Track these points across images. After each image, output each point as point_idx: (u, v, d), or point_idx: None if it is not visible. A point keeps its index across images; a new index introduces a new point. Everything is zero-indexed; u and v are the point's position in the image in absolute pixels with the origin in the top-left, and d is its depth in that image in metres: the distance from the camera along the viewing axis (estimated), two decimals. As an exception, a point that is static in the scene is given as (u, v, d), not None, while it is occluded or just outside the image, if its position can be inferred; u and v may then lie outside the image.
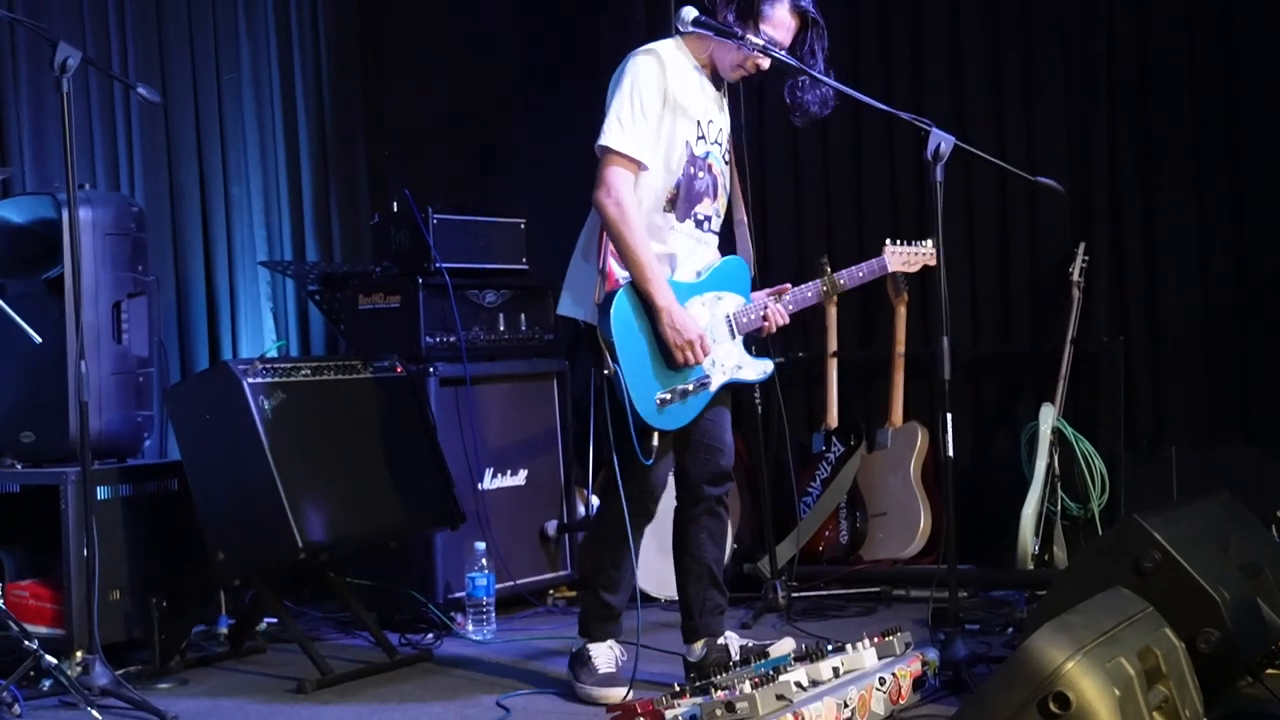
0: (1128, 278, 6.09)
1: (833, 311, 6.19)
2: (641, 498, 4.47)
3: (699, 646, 4.57)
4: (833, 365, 6.19)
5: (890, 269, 4.83)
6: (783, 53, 4.46)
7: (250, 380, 5.00)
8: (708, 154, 4.53)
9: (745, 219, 4.79)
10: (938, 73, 6.43)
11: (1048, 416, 5.79)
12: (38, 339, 4.66)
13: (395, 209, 6.03)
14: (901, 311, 6.08)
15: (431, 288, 5.85)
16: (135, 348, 5.43)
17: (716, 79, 4.58)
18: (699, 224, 4.54)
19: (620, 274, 4.37)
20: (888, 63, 6.53)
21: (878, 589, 5.76)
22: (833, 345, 6.20)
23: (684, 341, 4.28)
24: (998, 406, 6.17)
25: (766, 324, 4.56)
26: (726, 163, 4.64)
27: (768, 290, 4.64)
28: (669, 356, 4.32)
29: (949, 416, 4.48)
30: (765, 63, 4.47)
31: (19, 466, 5.22)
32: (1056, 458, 5.80)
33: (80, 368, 4.75)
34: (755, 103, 5.72)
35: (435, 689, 4.77)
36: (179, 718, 4.40)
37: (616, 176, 4.31)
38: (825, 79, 4.54)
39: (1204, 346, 5.97)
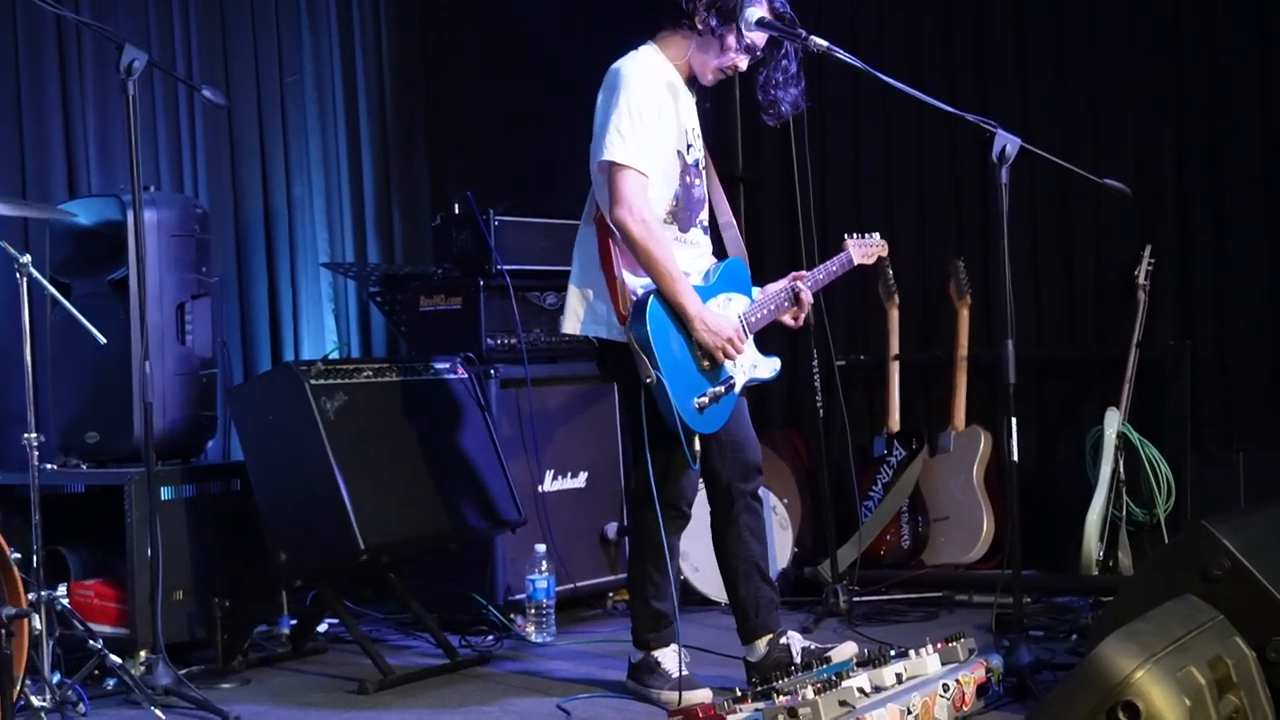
0: (1194, 281, 6.00)
1: (894, 315, 6.16)
2: (677, 502, 4.51)
3: (761, 645, 4.54)
4: (895, 368, 6.16)
5: (855, 262, 4.91)
6: (847, 54, 4.47)
7: (312, 382, 5.03)
8: (698, 160, 4.56)
9: (732, 220, 4.80)
10: (1003, 75, 6.37)
11: (1113, 421, 5.73)
12: (103, 340, 4.67)
13: (456, 211, 6.03)
14: (964, 314, 6.04)
15: (492, 289, 5.85)
16: (199, 349, 5.47)
17: (690, 83, 4.56)
18: (703, 230, 4.60)
19: (635, 285, 4.38)
20: (952, 65, 6.48)
21: (940, 594, 5.72)
22: (894, 348, 6.17)
23: (723, 341, 4.33)
24: (1062, 411, 6.10)
25: (796, 310, 4.65)
26: (709, 164, 4.66)
27: (788, 277, 4.69)
28: (701, 361, 4.36)
29: (1014, 421, 4.44)
30: (744, 64, 4.48)
31: (84, 466, 5.29)
32: (1122, 463, 5.73)
33: (145, 368, 4.80)
34: (816, 109, 5.69)
35: (495, 691, 4.76)
36: (241, 718, 4.43)
37: (631, 189, 4.27)
38: (866, 64, 4.54)
39: (1271, 350, 5.87)
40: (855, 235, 4.95)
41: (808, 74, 4.66)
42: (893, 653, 4.01)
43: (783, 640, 4.54)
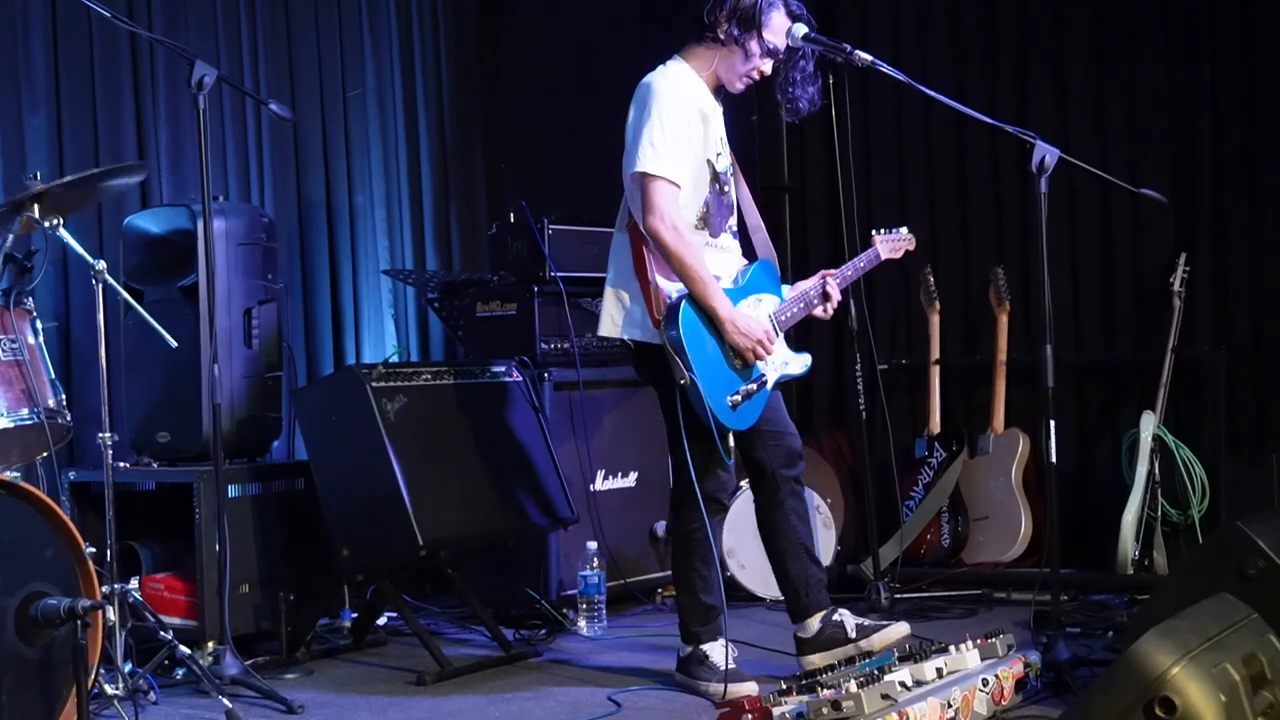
0: (1228, 287, 5.95)
1: (935, 320, 6.14)
2: (717, 495, 4.53)
3: (814, 622, 4.56)
4: (935, 372, 6.13)
5: (882, 256, 4.89)
6: (890, 68, 4.48)
7: (373, 384, 5.05)
8: (726, 169, 4.58)
9: (760, 224, 4.81)
10: (1042, 86, 6.34)
11: (1149, 424, 5.70)
12: (174, 343, 4.70)
13: (512, 220, 6.07)
14: (1004, 320, 6.01)
15: (546, 296, 5.88)
16: (265, 352, 5.51)
17: (717, 93, 4.59)
18: (733, 235, 4.63)
19: (668, 289, 4.41)
20: (992, 76, 6.44)
21: (979, 591, 5.68)
22: (935, 353, 6.15)
23: (754, 342, 4.37)
24: (1099, 413, 6.06)
25: (825, 305, 4.64)
26: (736, 171, 4.69)
27: (817, 275, 4.69)
28: (733, 361, 4.39)
29: (1052, 424, 4.42)
30: (768, 69, 4.52)
31: (155, 465, 5.33)
32: (1157, 464, 5.70)
33: (213, 371, 4.83)
34: (861, 117, 5.67)
35: (549, 683, 4.76)
36: (305, 707, 4.45)
37: (663, 199, 4.32)
38: (901, 73, 4.55)
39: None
40: (883, 230, 4.94)
41: (851, 84, 4.67)
42: (934, 648, 4.00)
43: (835, 617, 4.55)
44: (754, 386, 4.43)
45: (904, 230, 4.98)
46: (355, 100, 7.11)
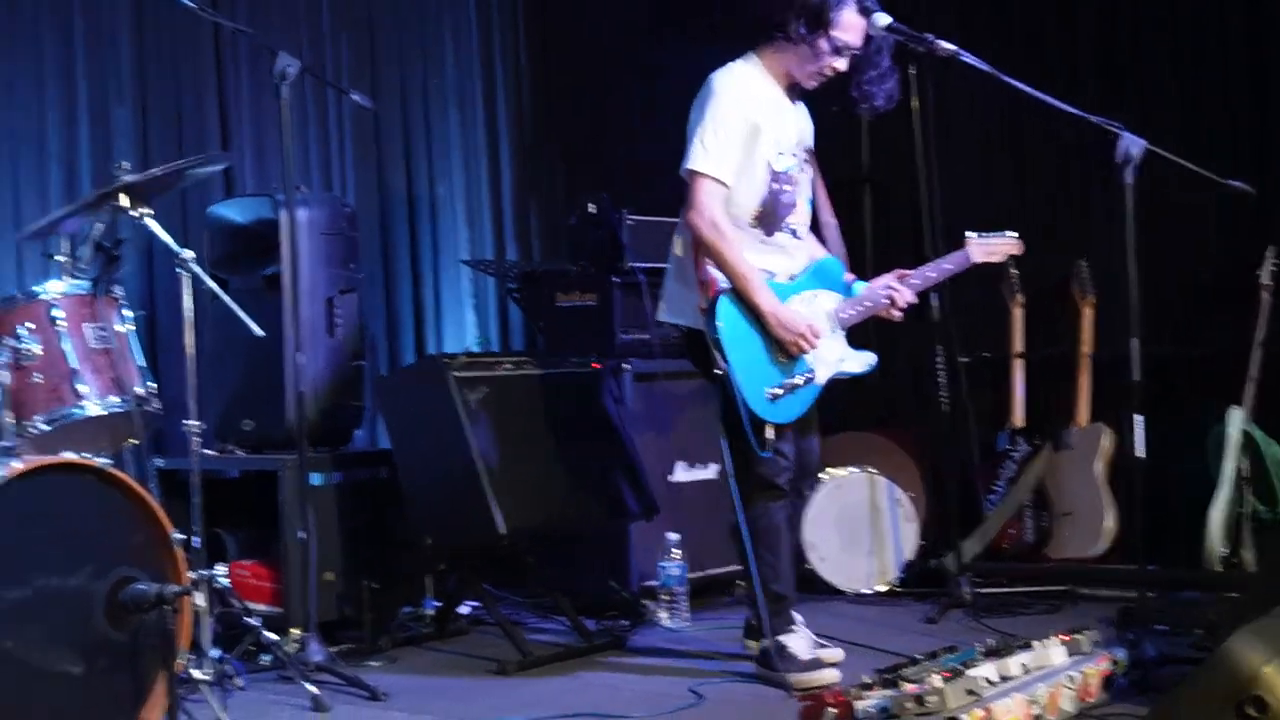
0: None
1: (1018, 313, 6.08)
2: (772, 481, 4.51)
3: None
4: (1018, 366, 6.08)
5: (973, 260, 4.82)
6: (973, 56, 4.47)
7: (455, 374, 5.09)
8: (789, 168, 4.58)
9: (832, 220, 4.82)
10: (1123, 76, 6.29)
11: (1236, 419, 5.62)
12: (259, 332, 4.72)
13: (591, 210, 6.08)
14: (1087, 313, 5.95)
15: (626, 286, 5.91)
16: (347, 341, 5.57)
17: (792, 90, 4.62)
18: (792, 233, 4.63)
19: (720, 280, 4.45)
20: (1073, 66, 6.39)
21: (1064, 587, 5.61)
22: (1018, 346, 6.09)
23: (794, 335, 4.41)
24: (1185, 408, 5.96)
25: (890, 305, 4.60)
26: (804, 170, 4.68)
27: (892, 274, 4.67)
28: (777, 353, 4.43)
29: (1139, 418, 4.39)
30: (842, 65, 4.51)
31: (240, 453, 5.41)
32: (1246, 460, 5.62)
33: (297, 360, 4.88)
34: (941, 108, 5.64)
35: (630, 673, 4.78)
36: (389, 695, 4.48)
37: (707, 196, 4.40)
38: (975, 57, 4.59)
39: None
40: (980, 234, 4.84)
41: (935, 73, 4.65)
42: (1018, 644, 3.95)
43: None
44: (799, 381, 4.46)
45: (1009, 234, 4.88)
46: (436, 91, 7.19)
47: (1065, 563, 5.85)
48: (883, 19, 4.56)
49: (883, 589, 5.89)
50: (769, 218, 4.55)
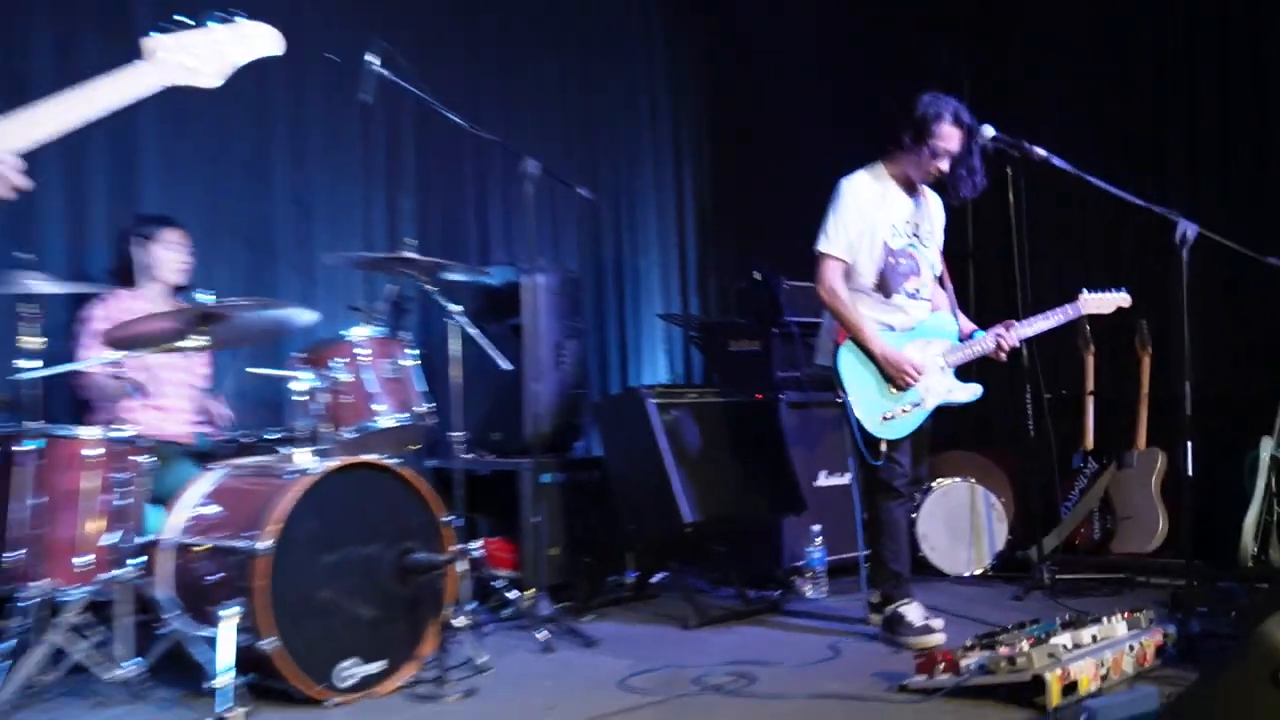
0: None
1: (1090, 360, 6.03)
2: (892, 484, 4.53)
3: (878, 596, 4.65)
4: (1089, 401, 6.03)
5: (1083, 311, 4.81)
6: (1061, 161, 4.57)
7: (652, 401, 5.19)
8: (905, 245, 4.62)
9: (946, 284, 4.82)
10: (1179, 164, 6.24)
11: (1267, 446, 5.54)
12: (507, 366, 4.88)
13: (757, 277, 6.13)
14: (1146, 361, 5.88)
15: (783, 335, 5.94)
16: (571, 375, 5.68)
17: (911, 186, 4.65)
18: (908, 295, 4.64)
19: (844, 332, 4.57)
20: (1137, 156, 6.34)
21: (1124, 576, 5.54)
22: (1090, 385, 6.04)
23: (899, 371, 4.48)
24: (1225, 437, 5.89)
25: (997, 349, 4.63)
26: (924, 246, 4.69)
27: (1001, 324, 4.68)
28: (889, 386, 4.49)
29: (1189, 444, 4.38)
30: (945, 165, 4.55)
31: (490, 457, 5.52)
32: (1274, 478, 5.54)
33: (533, 388, 5.03)
34: (1030, 196, 5.63)
35: (782, 631, 4.84)
36: (600, 641, 4.57)
37: (827, 271, 4.55)
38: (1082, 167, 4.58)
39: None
40: (1093, 290, 4.85)
41: (1028, 169, 4.71)
42: (1089, 619, 3.94)
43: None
44: (908, 408, 4.50)
45: (1121, 291, 4.89)
46: (639, 187, 7.30)
47: (1126, 556, 5.77)
48: (989, 131, 4.65)
49: (979, 573, 5.89)
50: (886, 284, 4.60)
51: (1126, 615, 4.00)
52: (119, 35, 5.20)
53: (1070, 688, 3.50)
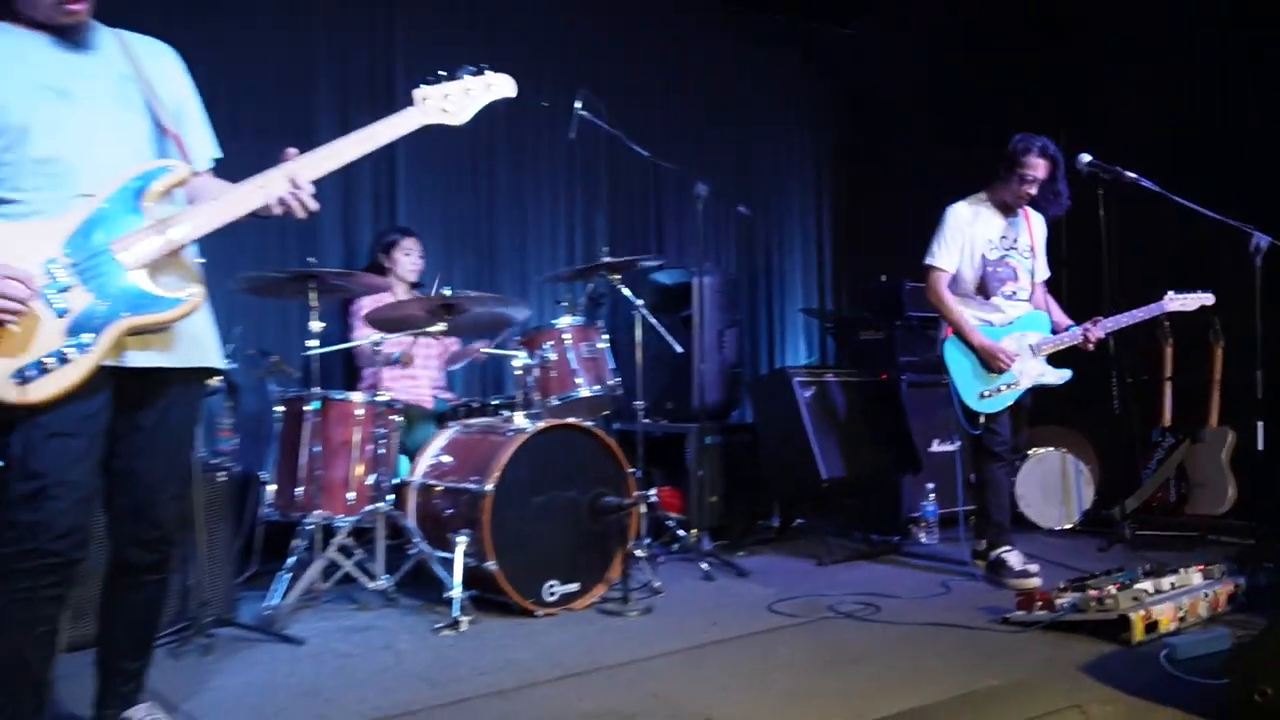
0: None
1: (1168, 350, 5.70)
2: (993, 450, 4.41)
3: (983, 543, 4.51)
4: (1168, 385, 5.71)
5: (1168, 309, 4.55)
6: (1151, 184, 4.26)
7: (796, 379, 5.12)
8: (1001, 256, 4.53)
9: (1041, 287, 4.68)
10: (1253, 179, 5.83)
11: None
12: (680, 349, 4.89)
13: (883, 279, 6.01)
14: (1218, 352, 5.52)
15: (905, 327, 5.79)
16: (730, 357, 5.61)
17: (1006, 208, 4.54)
18: (1006, 296, 4.52)
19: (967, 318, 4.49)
20: (1210, 170, 5.95)
21: (1197, 534, 5.23)
22: (1169, 371, 5.71)
23: (992, 357, 4.37)
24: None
25: (1085, 340, 4.46)
26: (1027, 256, 4.57)
27: (1090, 320, 4.49)
28: (988, 369, 4.38)
29: (1260, 423, 4.11)
30: (1034, 190, 4.42)
31: (664, 422, 5.48)
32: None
33: (700, 368, 5.00)
34: (1116, 209, 5.35)
35: (900, 569, 4.71)
36: (751, 572, 4.53)
37: (934, 280, 4.50)
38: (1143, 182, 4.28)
39: None
40: (1179, 291, 4.57)
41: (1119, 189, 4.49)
42: (1168, 569, 3.74)
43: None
44: (1003, 388, 4.38)
45: (1202, 293, 4.58)
46: (784, 202, 7.19)
47: (1199, 517, 5.46)
48: (1085, 158, 4.54)
49: (1068, 528, 5.64)
50: (985, 288, 4.50)
51: (1201, 568, 3.80)
52: (384, 98, 5.36)
53: (1152, 626, 3.34)
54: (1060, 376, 4.51)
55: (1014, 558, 4.34)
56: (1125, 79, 6.53)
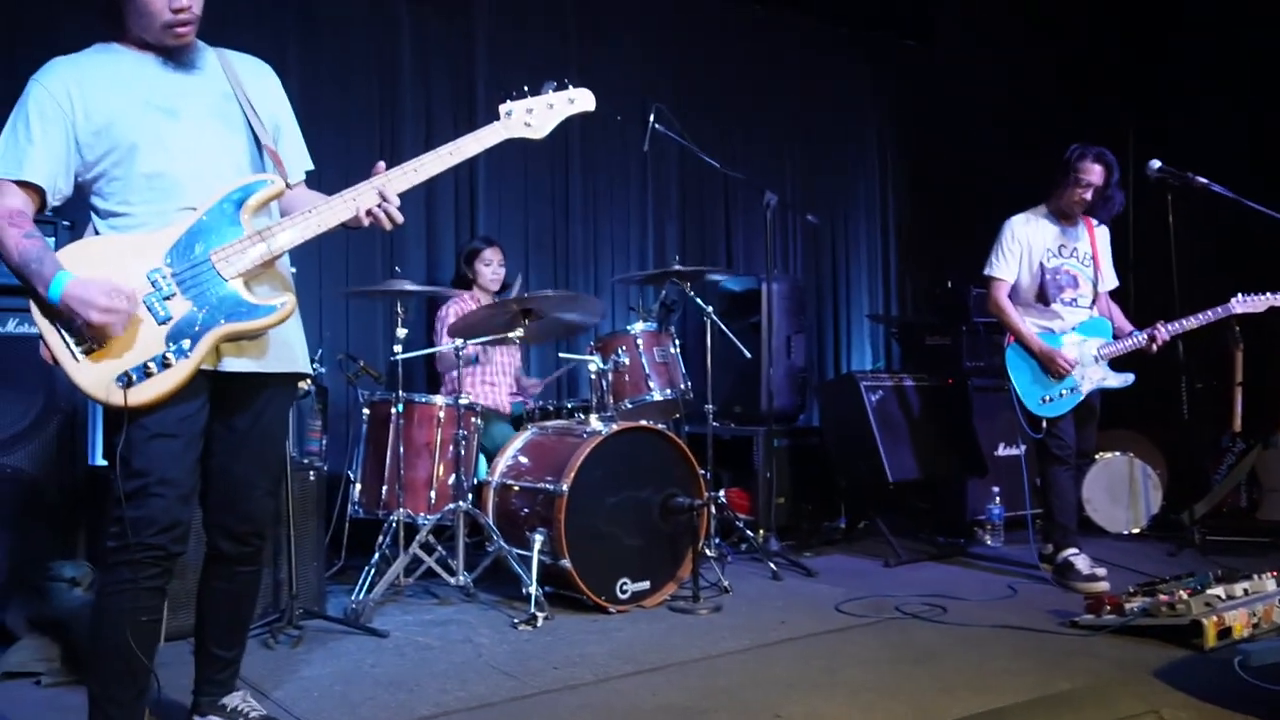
0: None
1: (1238, 355, 5.48)
2: (1055, 453, 4.34)
3: (1049, 546, 4.45)
4: (1238, 390, 5.50)
5: (1235, 311, 4.41)
6: (1221, 188, 4.12)
7: (863, 383, 5.06)
8: (1060, 264, 4.46)
9: (1104, 294, 4.57)
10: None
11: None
12: (748, 355, 4.86)
13: (949, 285, 5.91)
14: (1289, 357, 5.37)
15: (970, 333, 5.68)
16: (798, 361, 5.56)
17: (1065, 217, 4.47)
18: (1065, 303, 4.45)
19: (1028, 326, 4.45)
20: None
21: (1269, 539, 5.06)
22: (1238, 376, 5.52)
23: (1051, 363, 4.32)
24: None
25: (1149, 344, 4.37)
26: (1087, 264, 4.49)
27: (1156, 324, 4.39)
28: (1049, 374, 4.33)
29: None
30: (1089, 196, 4.35)
31: (733, 425, 5.45)
32: None
33: (769, 373, 4.96)
34: (1186, 216, 5.18)
35: (967, 571, 4.62)
36: (818, 572, 4.47)
37: (995, 290, 4.46)
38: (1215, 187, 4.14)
39: None
40: (1245, 294, 4.43)
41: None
42: (1240, 574, 3.60)
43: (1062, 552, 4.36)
44: (1064, 392, 4.33)
45: (1276, 295, 4.44)
46: (852, 212, 7.12)
47: (1271, 523, 5.27)
48: (1155, 163, 4.50)
49: (1135, 532, 5.48)
50: (1045, 295, 4.46)
51: (1275, 574, 3.65)
52: (465, 112, 5.41)
53: (1225, 632, 3.23)
54: (1123, 380, 4.41)
55: (1081, 561, 4.24)
56: (1202, 89, 6.35)
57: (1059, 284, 4.46)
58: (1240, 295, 4.44)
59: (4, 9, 4.24)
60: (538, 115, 2.45)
